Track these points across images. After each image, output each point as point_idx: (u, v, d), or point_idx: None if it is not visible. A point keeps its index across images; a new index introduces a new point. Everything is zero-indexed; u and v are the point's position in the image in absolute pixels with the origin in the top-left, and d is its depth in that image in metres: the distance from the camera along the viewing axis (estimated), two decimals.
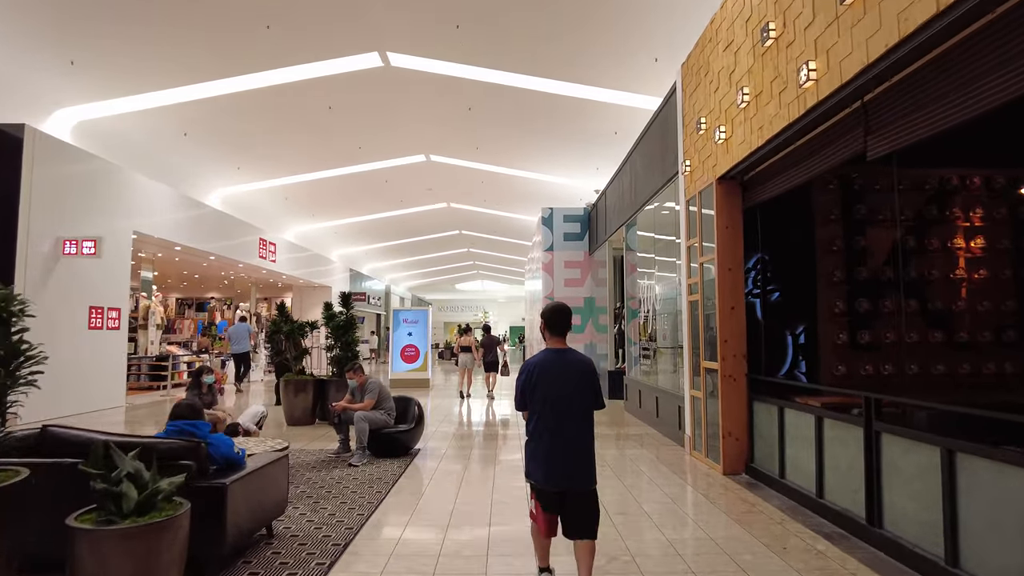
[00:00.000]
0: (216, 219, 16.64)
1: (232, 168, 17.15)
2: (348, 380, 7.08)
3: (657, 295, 9.22)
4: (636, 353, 11.01)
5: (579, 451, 3.21)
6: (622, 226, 11.59)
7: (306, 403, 9.38)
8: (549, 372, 3.26)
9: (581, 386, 3.26)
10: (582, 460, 3.21)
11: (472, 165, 18.15)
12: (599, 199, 14.67)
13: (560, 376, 3.25)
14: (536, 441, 3.25)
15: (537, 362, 3.32)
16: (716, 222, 6.43)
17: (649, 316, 9.74)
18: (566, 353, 3.34)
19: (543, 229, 16.28)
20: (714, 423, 6.56)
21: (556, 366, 3.28)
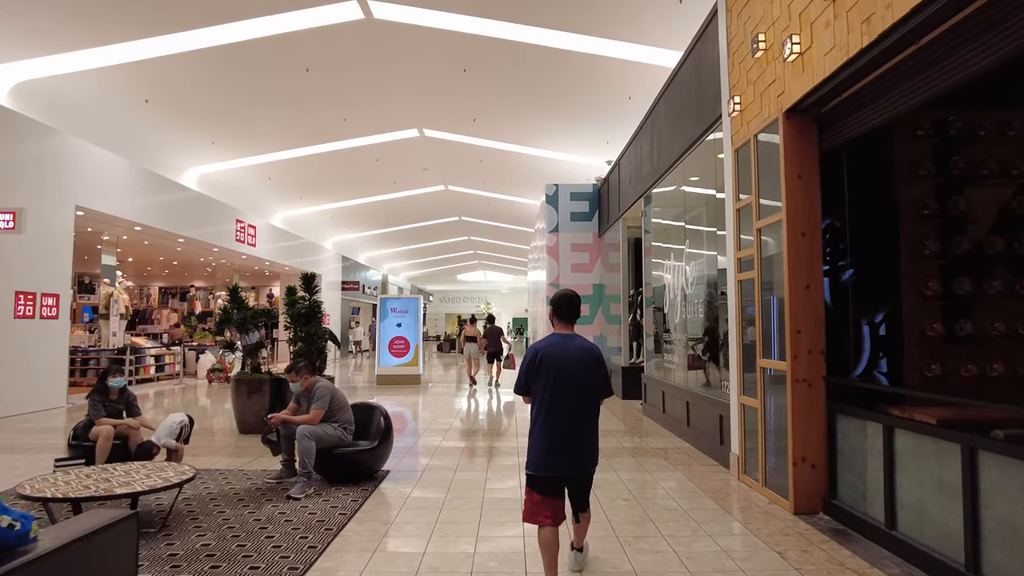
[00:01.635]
0: (185, 197, 14.98)
1: (206, 143, 15.48)
2: (290, 384, 5.42)
3: (688, 276, 7.52)
4: (655, 347, 9.34)
5: (582, 437, 3.19)
6: (640, 198, 9.88)
7: (261, 407, 7.74)
8: (553, 356, 3.19)
9: (586, 371, 3.20)
10: (585, 446, 3.21)
11: (470, 140, 16.48)
12: (611, 172, 12.95)
13: (564, 360, 3.18)
14: (538, 426, 3.19)
15: (542, 346, 3.25)
16: (784, 171, 4.72)
17: (676, 302, 8.04)
18: (571, 338, 3.29)
19: (547, 209, 14.56)
20: (778, 442, 4.89)
21: (561, 350, 3.22)
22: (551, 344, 3.25)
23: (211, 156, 16.50)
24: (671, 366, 8.36)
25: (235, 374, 8.02)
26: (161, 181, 13.89)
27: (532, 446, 3.21)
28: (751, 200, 5.34)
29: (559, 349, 3.22)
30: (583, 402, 3.19)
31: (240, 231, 17.45)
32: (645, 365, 9.79)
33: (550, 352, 3.21)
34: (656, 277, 9.37)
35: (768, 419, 5.06)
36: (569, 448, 3.15)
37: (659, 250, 9.19)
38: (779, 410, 4.90)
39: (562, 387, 3.15)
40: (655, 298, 9.46)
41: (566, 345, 3.24)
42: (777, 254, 4.97)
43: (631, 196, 10.66)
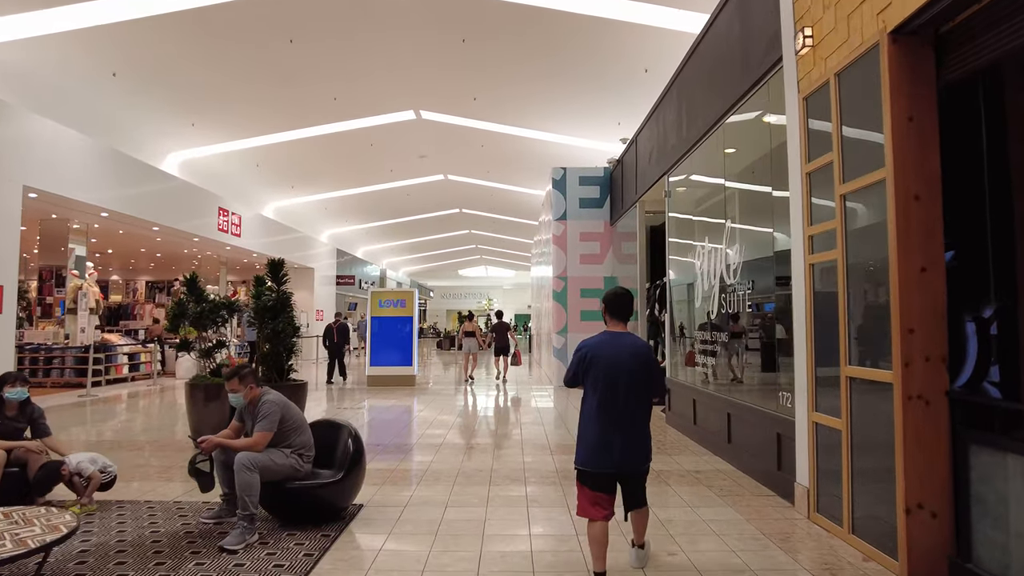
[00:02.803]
0: (160, 182, 13.75)
1: (185, 125, 14.25)
2: (230, 395, 4.19)
3: (730, 261, 6.27)
4: (686, 346, 8.11)
5: (633, 435, 3.18)
6: (665, 175, 8.62)
7: (220, 417, 6.52)
8: (604, 353, 3.20)
9: (637, 369, 3.18)
10: (636, 443, 3.19)
11: (470, 123, 15.25)
12: (625, 152, 11.70)
13: (615, 357, 3.18)
14: (588, 423, 3.21)
15: (594, 343, 3.28)
16: (890, 113, 3.47)
17: (711, 293, 6.79)
18: (623, 336, 3.30)
19: (554, 195, 13.33)
20: (875, 478, 3.67)
21: (611, 348, 3.22)
22: (602, 342, 3.26)
23: (193, 140, 15.28)
24: (705, 369, 7.12)
25: (191, 378, 6.81)
26: (132, 163, 12.66)
27: (582, 442, 3.24)
28: (831, 159, 4.10)
29: (610, 347, 3.22)
30: (634, 400, 3.18)
31: (223, 220, 16.22)
32: (668, 367, 8.56)
33: (601, 351, 3.22)
34: (684, 265, 8.12)
35: (858, 445, 3.82)
36: (620, 445, 3.15)
37: (689, 233, 7.94)
38: (877, 435, 3.67)
39: (613, 385, 3.15)
40: (682, 290, 8.23)
41: (617, 343, 3.24)
42: (872, 226, 3.74)
43: (652, 175, 9.41)
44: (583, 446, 3.20)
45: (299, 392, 6.76)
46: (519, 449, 6.67)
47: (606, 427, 3.14)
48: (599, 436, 3.14)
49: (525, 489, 5.12)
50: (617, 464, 3.14)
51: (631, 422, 3.17)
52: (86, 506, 4.34)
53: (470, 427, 8.12)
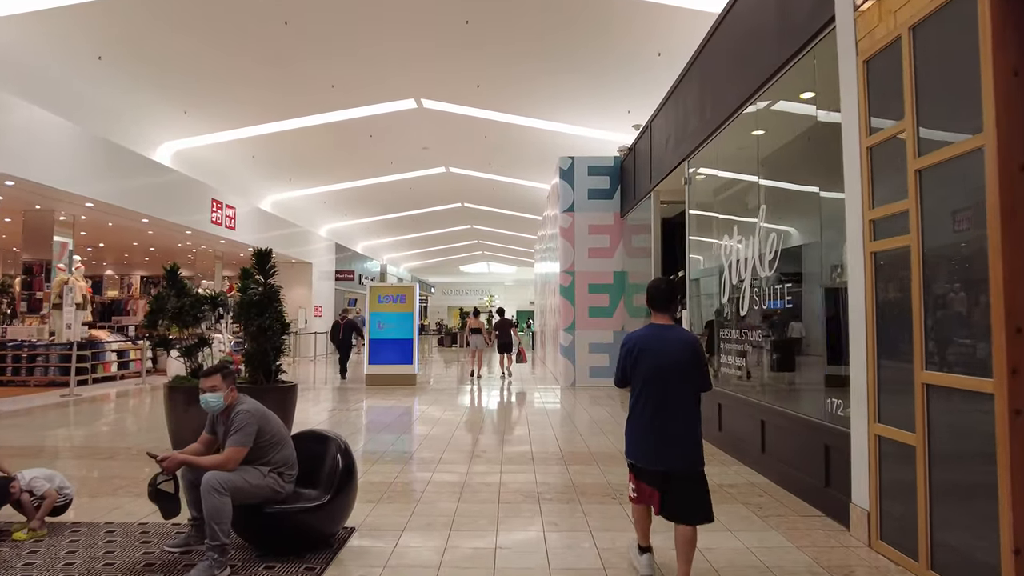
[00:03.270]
0: (150, 171, 13.16)
1: (177, 113, 13.65)
2: (203, 395, 3.61)
3: (765, 251, 5.66)
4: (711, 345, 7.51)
5: (683, 430, 3.07)
6: (686, 160, 8.01)
7: (202, 422, 5.93)
8: (651, 347, 3.12)
9: (686, 363, 3.07)
10: (687, 440, 3.08)
11: (473, 112, 14.64)
12: (638, 140, 11.09)
13: (662, 351, 3.08)
14: (637, 419, 3.14)
15: (639, 337, 3.21)
16: (991, 67, 2.87)
17: (742, 287, 6.20)
18: (669, 329, 3.20)
19: (561, 185, 12.72)
20: (963, 507, 3.07)
21: (658, 341, 3.13)
22: (649, 336, 3.18)
23: (186, 129, 14.67)
24: (734, 371, 6.53)
25: (170, 380, 6.22)
26: (119, 152, 12.07)
27: (632, 437, 3.18)
28: (901, 129, 3.50)
29: (658, 341, 3.14)
30: (684, 395, 3.09)
31: (217, 213, 15.63)
32: None
33: (648, 344, 3.14)
34: (707, 257, 7.53)
35: (938, 466, 3.23)
36: (672, 443, 3.06)
37: (713, 222, 7.34)
38: (965, 455, 3.08)
39: (662, 380, 3.07)
40: (706, 283, 7.64)
41: (665, 336, 3.16)
42: (962, 205, 3.14)
43: (669, 162, 8.80)
44: (632, 442, 3.18)
45: (287, 396, 6.18)
46: (529, 458, 6.08)
47: (656, 423, 3.06)
48: (649, 433, 3.08)
49: (539, 508, 4.52)
50: (668, 462, 3.05)
51: (682, 418, 3.08)
52: (35, 531, 3.76)
53: (475, 431, 7.53)
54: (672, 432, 3.05)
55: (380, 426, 7.98)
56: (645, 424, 3.08)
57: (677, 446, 3.05)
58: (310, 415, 8.71)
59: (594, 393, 11.32)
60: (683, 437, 3.07)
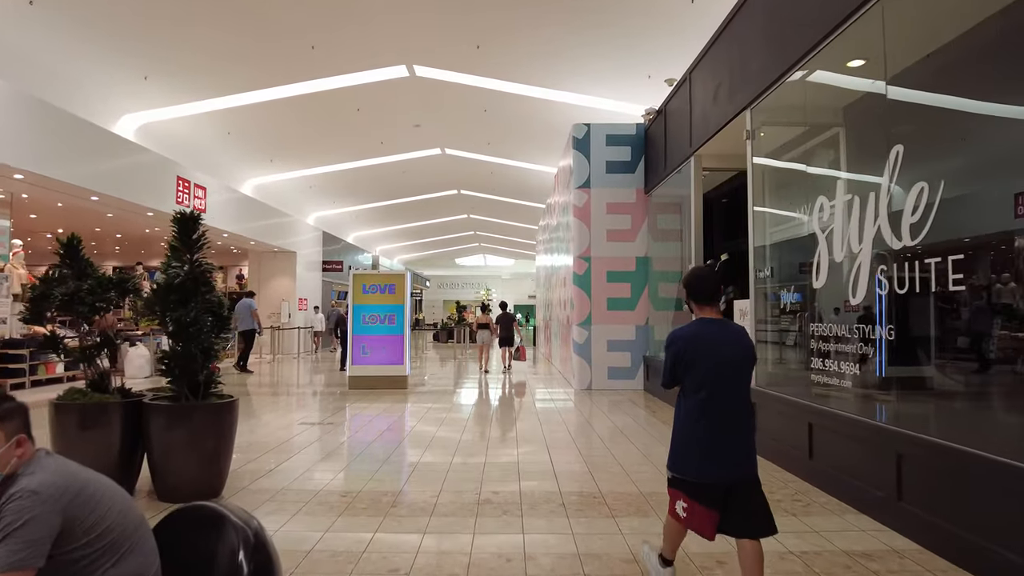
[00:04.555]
0: (99, 141, 11.34)
1: (136, 78, 11.83)
2: None
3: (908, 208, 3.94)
4: (793, 343, 5.84)
5: (746, 436, 2.78)
6: (746, 110, 6.30)
7: (107, 450, 4.25)
8: (706, 347, 2.76)
9: (742, 361, 2.80)
10: (748, 446, 2.78)
11: (471, 81, 12.96)
12: (670, 99, 9.37)
13: (720, 350, 2.75)
14: (693, 427, 2.76)
15: (690, 335, 2.81)
16: None
17: (849, 267, 4.49)
18: (722, 324, 2.84)
19: (575, 157, 11.00)
20: None
21: (711, 338, 2.78)
22: (701, 332, 2.81)
23: (148, 99, 12.87)
24: (835, 379, 4.81)
25: (58, 396, 4.49)
26: (60, 116, 10.28)
27: (683, 447, 2.79)
28: None
29: (710, 338, 2.78)
30: (745, 398, 2.80)
31: (183, 192, 13.84)
32: None
33: (702, 342, 2.78)
34: (784, 230, 5.84)
35: None
36: (736, 451, 2.72)
37: (798, 183, 5.64)
38: None
39: (718, 381, 2.74)
40: (784, 264, 5.96)
41: (717, 333, 2.80)
42: None
43: (719, 116, 7.09)
44: (687, 453, 2.77)
45: (223, 418, 4.46)
46: (559, 503, 4.38)
47: (713, 431, 2.71)
48: (704, 441, 2.71)
49: None
50: (728, 473, 2.69)
51: (745, 423, 2.77)
52: None
53: (479, 455, 5.82)
54: (736, 439, 2.74)
55: (356, 449, 6.26)
56: (706, 433, 2.73)
57: (741, 453, 2.74)
58: (271, 432, 6.99)
59: (614, 398, 9.64)
60: (745, 443, 2.78)
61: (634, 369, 10.54)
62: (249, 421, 7.59)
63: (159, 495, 4.31)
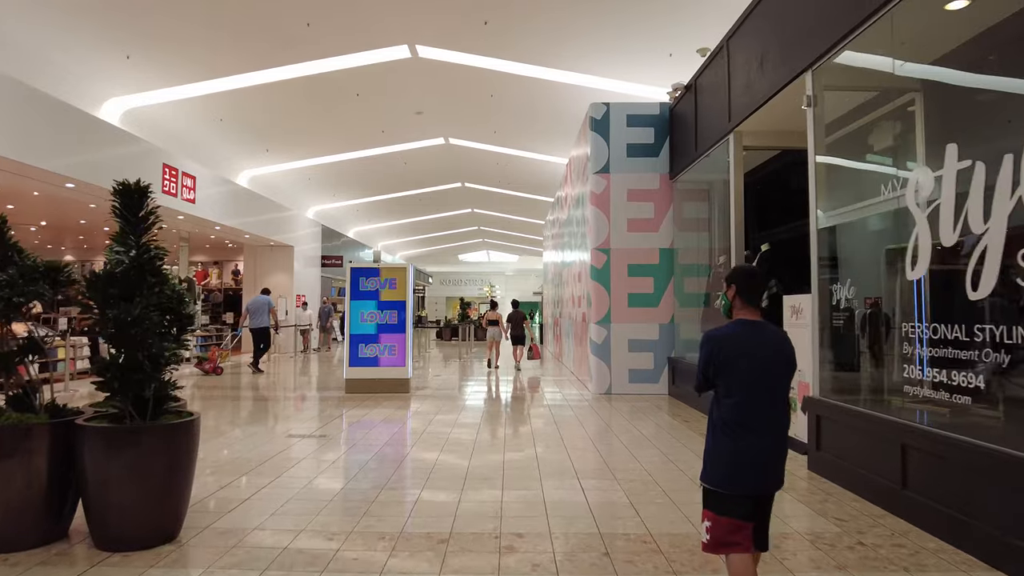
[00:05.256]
0: (73, 122, 10.42)
1: (118, 58, 10.93)
2: None
3: None
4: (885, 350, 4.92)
5: (782, 448, 2.62)
6: (805, 73, 5.37)
7: (30, 485, 3.34)
8: (743, 349, 2.58)
9: (783, 366, 2.63)
10: (783, 458, 2.63)
11: (478, 62, 12.09)
12: (702, 71, 8.42)
13: (759, 353, 2.58)
14: (732, 436, 2.55)
15: (727, 336, 2.62)
16: None
17: (981, 247, 3.56)
18: (762, 326, 2.65)
19: (593, 139, 10.06)
20: None
21: (752, 341, 2.59)
22: (737, 334, 2.62)
23: (134, 82, 11.97)
24: (948, 395, 3.88)
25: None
26: (31, 95, 9.37)
27: (718, 458, 2.60)
28: None
29: (750, 340, 2.60)
30: (781, 404, 2.62)
31: (170, 180, 12.93)
32: (813, 380, 5.35)
33: (739, 344, 2.59)
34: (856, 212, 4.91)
35: None
36: (769, 460, 2.57)
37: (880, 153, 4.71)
38: None
39: (761, 387, 2.57)
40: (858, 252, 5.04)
41: (758, 335, 2.62)
42: None
43: (768, 86, 6.15)
44: (720, 464, 2.56)
45: (176, 442, 3.55)
46: (602, 555, 3.46)
47: (752, 439, 2.53)
48: (746, 452, 2.52)
49: None
50: (766, 484, 2.57)
51: (780, 432, 2.61)
52: None
53: (494, 484, 4.91)
54: (778, 448, 2.59)
55: (350, 471, 5.34)
56: (740, 443, 2.51)
57: (780, 463, 2.61)
58: (254, 446, 6.09)
59: (636, 403, 8.73)
60: (782, 455, 2.61)
61: (658, 371, 9.62)
62: (232, 431, 6.69)
63: (97, 543, 3.41)
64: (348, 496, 4.46)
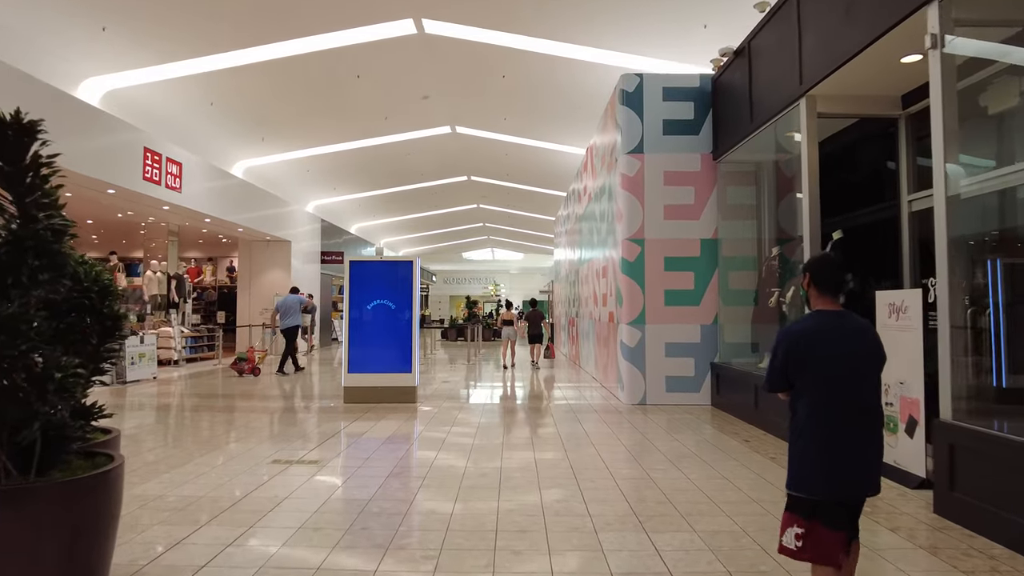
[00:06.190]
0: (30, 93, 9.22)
1: (94, 28, 9.77)
2: None
3: None
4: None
5: (877, 449, 2.43)
6: (921, 7, 4.18)
7: None
8: (827, 341, 2.41)
9: (872, 359, 2.45)
10: (879, 460, 2.45)
11: (489, 38, 11.02)
12: (755, 35, 7.22)
13: (845, 347, 2.41)
14: (819, 438, 2.37)
15: (807, 329, 2.46)
16: None
17: None
18: (846, 317, 2.47)
19: (624, 115, 8.88)
20: None
21: (835, 333, 2.43)
22: (821, 326, 2.46)
23: (114, 59, 10.83)
24: None
25: None
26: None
27: (805, 461, 2.40)
28: None
29: (834, 333, 2.44)
30: (869, 401, 2.42)
31: (153, 166, 11.77)
32: (942, 395, 4.18)
33: (822, 337, 2.43)
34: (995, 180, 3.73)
35: None
36: (873, 463, 2.40)
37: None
38: None
39: (849, 382, 2.40)
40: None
41: (842, 327, 2.45)
42: None
43: (860, 34, 4.96)
44: (809, 467, 2.38)
45: (81, 504, 2.38)
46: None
47: (842, 441, 2.35)
48: (837, 454, 2.34)
49: None
50: (856, 491, 2.39)
51: (873, 433, 2.41)
52: None
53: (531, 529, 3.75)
54: (872, 449, 2.39)
55: (343, 519, 4.18)
56: (834, 444, 2.33)
57: (876, 467, 2.40)
58: (226, 477, 4.94)
59: (677, 416, 7.56)
60: (875, 455, 2.41)
61: (699, 379, 8.45)
62: (203, 455, 5.53)
63: None
64: (340, 557, 3.30)
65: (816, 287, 2.49)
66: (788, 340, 2.47)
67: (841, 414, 2.37)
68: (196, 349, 15.69)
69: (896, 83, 5.70)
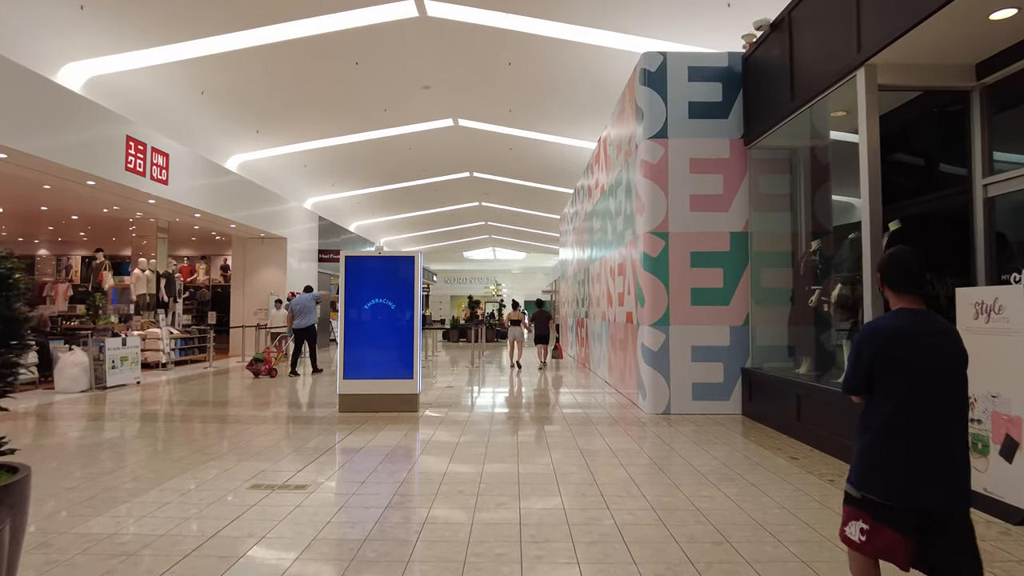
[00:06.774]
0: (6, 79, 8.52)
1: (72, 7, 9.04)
2: None
3: None
4: None
5: (961, 457, 2.24)
6: None
7: None
8: (912, 340, 2.27)
9: (958, 360, 2.28)
10: (963, 470, 2.22)
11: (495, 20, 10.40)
12: (797, 3, 6.46)
13: (931, 346, 2.26)
14: (891, 438, 2.23)
15: (894, 327, 2.31)
16: None
17: None
18: (929, 317, 2.32)
19: (646, 96, 8.13)
20: None
21: (921, 333, 2.29)
22: (903, 325, 2.31)
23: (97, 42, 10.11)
24: None
25: None
26: None
27: (871, 462, 2.28)
28: None
29: (916, 332, 2.29)
30: (959, 404, 2.26)
31: (136, 156, 11.02)
32: None
33: (904, 335, 2.29)
34: None
35: None
36: (945, 473, 2.19)
37: None
38: None
39: (932, 384, 2.24)
40: None
41: (925, 326, 2.31)
42: None
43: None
44: (877, 468, 2.25)
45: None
46: None
47: (914, 446, 2.22)
48: (901, 457, 2.21)
49: None
50: (936, 500, 2.17)
51: (950, 441, 2.22)
52: None
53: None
54: (946, 458, 2.20)
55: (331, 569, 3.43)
56: (903, 448, 2.21)
57: (952, 478, 2.19)
58: (196, 507, 4.20)
59: (707, 427, 6.82)
60: (956, 465, 2.21)
61: (728, 386, 7.69)
62: (171, 478, 4.78)
63: None
64: None
65: (890, 287, 2.35)
66: (873, 337, 2.30)
67: (919, 421, 2.22)
68: (186, 351, 14.94)
69: (974, 48, 4.95)
